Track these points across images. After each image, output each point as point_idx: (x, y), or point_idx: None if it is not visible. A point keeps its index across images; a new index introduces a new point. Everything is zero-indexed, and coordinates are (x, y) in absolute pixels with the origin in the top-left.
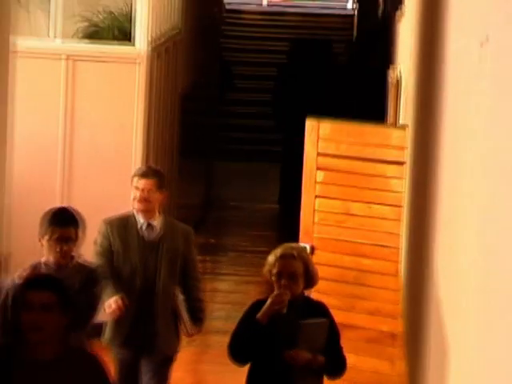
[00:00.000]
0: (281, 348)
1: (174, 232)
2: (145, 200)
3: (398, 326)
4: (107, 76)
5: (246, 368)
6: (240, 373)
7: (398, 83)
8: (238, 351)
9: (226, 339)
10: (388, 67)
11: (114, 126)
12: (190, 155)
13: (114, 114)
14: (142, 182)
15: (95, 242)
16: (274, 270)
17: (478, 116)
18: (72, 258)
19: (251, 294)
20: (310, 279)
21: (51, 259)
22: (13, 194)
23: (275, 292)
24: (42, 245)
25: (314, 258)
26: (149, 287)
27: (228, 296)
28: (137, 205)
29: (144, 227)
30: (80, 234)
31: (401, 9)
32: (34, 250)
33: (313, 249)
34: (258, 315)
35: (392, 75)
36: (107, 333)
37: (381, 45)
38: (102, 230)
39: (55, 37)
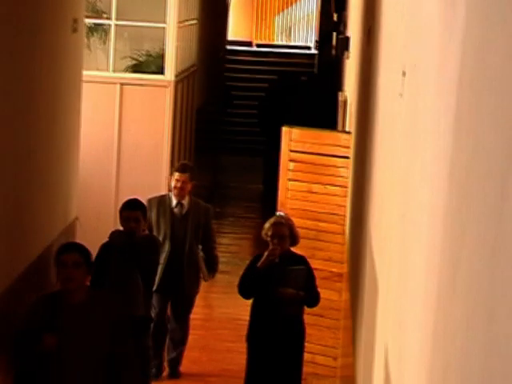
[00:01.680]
0: (275, 286)
1: (197, 209)
2: (181, 189)
3: (344, 268)
4: (146, 97)
5: (245, 301)
6: (236, 300)
7: (345, 102)
8: (244, 289)
9: (228, 277)
10: (339, 91)
11: (151, 132)
12: (202, 151)
13: (151, 124)
14: (179, 175)
15: None
16: (269, 233)
17: (398, 127)
18: (138, 231)
19: (244, 246)
20: (295, 239)
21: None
22: (84, 179)
23: (270, 248)
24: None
25: None
26: (178, 248)
27: (228, 247)
28: (175, 191)
29: (176, 205)
30: (143, 216)
31: (347, 50)
32: (97, 216)
33: (286, 215)
34: (258, 264)
35: (341, 97)
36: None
37: (334, 75)
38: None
39: (111, 69)
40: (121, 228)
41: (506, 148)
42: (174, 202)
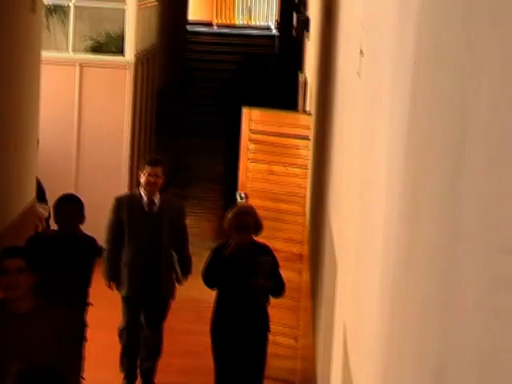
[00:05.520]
0: (244, 277)
1: (170, 206)
2: (153, 184)
3: (304, 249)
4: (106, 78)
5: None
6: (198, 281)
7: (306, 83)
8: (210, 279)
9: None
10: (299, 72)
11: (111, 114)
12: (163, 133)
13: (111, 105)
14: (151, 169)
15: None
16: (233, 224)
17: (356, 107)
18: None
19: (205, 228)
20: (258, 228)
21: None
22: (43, 161)
23: (235, 237)
24: None
25: (248, 203)
26: (154, 250)
27: (190, 228)
28: (147, 187)
29: (148, 203)
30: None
31: (308, 31)
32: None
33: (247, 197)
34: (226, 252)
35: (301, 78)
36: (123, 282)
37: (294, 56)
38: (113, 206)
39: (71, 50)
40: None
41: (460, 126)
42: (145, 199)
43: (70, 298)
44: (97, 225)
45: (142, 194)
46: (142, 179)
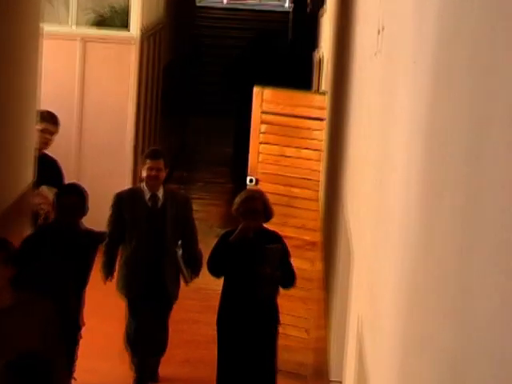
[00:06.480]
0: (251, 266)
1: (174, 200)
2: (155, 177)
3: (317, 236)
4: (110, 54)
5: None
6: (203, 269)
7: (321, 61)
8: (215, 267)
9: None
10: (314, 50)
11: (115, 92)
12: (169, 112)
13: (115, 81)
14: (152, 162)
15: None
16: (241, 209)
17: (374, 88)
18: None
19: (212, 213)
20: (268, 214)
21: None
22: None
23: (242, 224)
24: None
25: (258, 187)
26: (157, 247)
27: (196, 214)
28: (149, 182)
29: (150, 198)
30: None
31: (323, 7)
32: None
33: (257, 181)
34: (231, 238)
35: (316, 55)
36: (122, 282)
37: (309, 33)
38: (113, 202)
39: (72, 24)
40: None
41: (482, 110)
42: (148, 194)
43: (63, 296)
44: (99, 212)
45: (145, 188)
46: (144, 173)
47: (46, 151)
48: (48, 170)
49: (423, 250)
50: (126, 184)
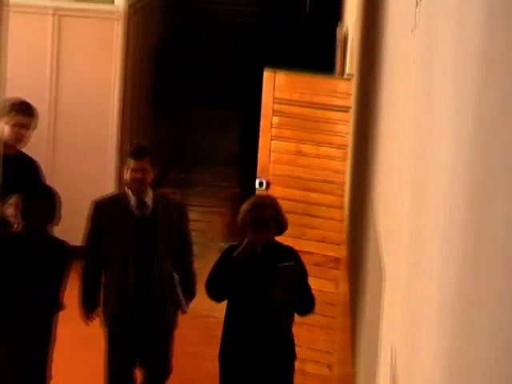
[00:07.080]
0: (260, 289)
1: (166, 207)
2: (140, 180)
3: (342, 251)
4: (90, 31)
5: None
6: (204, 291)
7: (345, 39)
8: (215, 289)
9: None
10: (336, 24)
11: (95, 75)
12: (162, 101)
13: (95, 65)
14: (136, 163)
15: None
16: (248, 219)
17: (411, 67)
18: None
19: (215, 223)
20: (281, 225)
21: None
22: None
23: (249, 236)
24: None
25: (270, 192)
26: (145, 266)
27: (195, 224)
28: (133, 185)
29: (137, 205)
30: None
31: None
32: None
33: (268, 184)
34: (235, 254)
35: (340, 32)
36: (106, 314)
37: (331, 4)
38: (91, 213)
39: None
40: None
41: None
42: (133, 200)
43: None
44: (76, 223)
45: (129, 194)
46: (127, 176)
47: (24, 150)
48: (26, 172)
49: (470, 274)
50: (110, 187)
